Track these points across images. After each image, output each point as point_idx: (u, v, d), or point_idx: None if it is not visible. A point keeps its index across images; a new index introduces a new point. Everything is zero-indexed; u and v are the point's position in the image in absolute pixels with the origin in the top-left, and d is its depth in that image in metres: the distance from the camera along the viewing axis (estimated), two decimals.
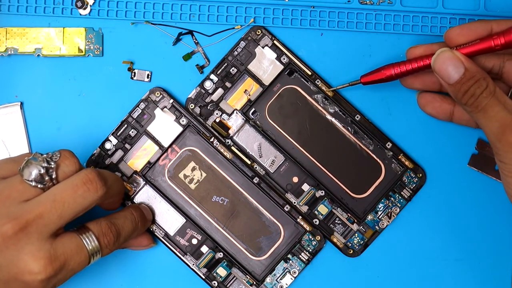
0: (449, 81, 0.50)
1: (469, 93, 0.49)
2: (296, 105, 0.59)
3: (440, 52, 0.51)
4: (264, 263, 0.58)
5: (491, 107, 0.48)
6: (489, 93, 0.48)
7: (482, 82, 0.49)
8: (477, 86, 0.49)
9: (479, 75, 0.49)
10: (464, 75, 0.49)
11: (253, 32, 0.59)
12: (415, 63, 0.53)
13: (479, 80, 0.49)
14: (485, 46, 0.51)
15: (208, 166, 0.58)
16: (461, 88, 0.49)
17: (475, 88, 0.49)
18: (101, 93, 0.59)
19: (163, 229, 0.58)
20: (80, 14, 0.59)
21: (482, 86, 0.49)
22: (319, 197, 0.58)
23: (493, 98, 0.48)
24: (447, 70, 0.50)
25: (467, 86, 0.49)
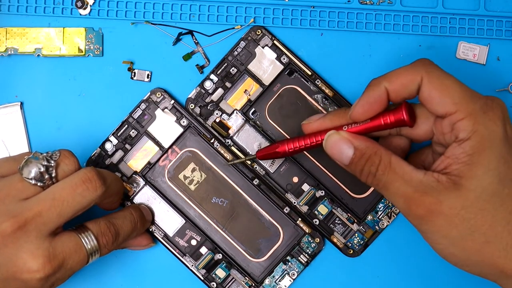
0: (344, 162, 0.48)
1: (365, 172, 0.47)
2: (296, 105, 0.58)
3: (328, 136, 0.49)
4: (263, 264, 0.58)
5: (391, 184, 0.46)
6: (384, 168, 0.46)
7: (374, 159, 0.46)
8: (370, 164, 0.46)
9: (370, 150, 0.47)
10: (355, 155, 0.47)
11: (253, 32, 0.59)
12: (308, 140, 0.52)
13: (370, 156, 0.47)
14: (375, 125, 0.48)
15: (208, 167, 0.58)
16: (357, 168, 0.47)
17: (369, 166, 0.47)
18: (101, 93, 0.59)
19: (163, 229, 0.57)
20: (80, 14, 0.59)
21: (375, 162, 0.46)
22: (319, 197, 0.58)
23: (390, 173, 0.46)
24: (338, 154, 0.48)
25: (361, 165, 0.47)
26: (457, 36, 0.60)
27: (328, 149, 0.49)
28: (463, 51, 0.59)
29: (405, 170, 0.45)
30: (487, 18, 0.59)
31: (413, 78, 0.45)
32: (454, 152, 0.44)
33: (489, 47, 0.59)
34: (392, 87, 0.46)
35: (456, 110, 0.44)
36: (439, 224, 0.44)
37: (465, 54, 0.59)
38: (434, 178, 0.44)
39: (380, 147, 0.47)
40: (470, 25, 0.60)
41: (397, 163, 0.46)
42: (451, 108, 0.44)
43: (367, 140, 0.48)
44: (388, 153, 0.46)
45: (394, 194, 0.46)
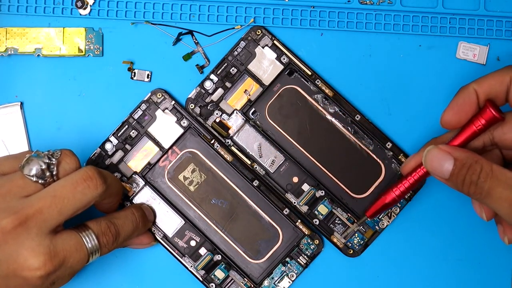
0: (445, 177, 0.47)
1: (466, 182, 0.46)
2: (296, 105, 0.58)
3: (426, 152, 0.48)
4: (262, 266, 0.57)
5: (494, 190, 0.45)
6: (486, 175, 0.45)
7: (476, 167, 0.45)
8: (472, 172, 0.45)
9: (470, 159, 0.46)
10: (455, 166, 0.46)
11: (253, 32, 0.58)
12: (411, 178, 0.50)
13: (471, 165, 0.45)
14: (469, 133, 0.48)
15: (208, 168, 0.57)
16: (458, 179, 0.46)
17: (471, 175, 0.45)
18: (101, 93, 0.58)
19: (162, 230, 0.57)
20: (80, 14, 0.58)
21: (476, 171, 0.45)
22: (319, 197, 0.57)
23: (492, 179, 0.45)
24: (438, 167, 0.47)
25: (462, 176, 0.46)
26: (457, 36, 0.59)
27: (428, 164, 0.48)
28: (463, 51, 0.59)
29: (508, 175, 0.45)
30: (487, 18, 0.59)
31: (502, 79, 0.45)
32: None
33: (489, 47, 0.59)
34: (481, 89, 0.46)
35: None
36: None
37: (465, 54, 0.59)
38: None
39: (480, 156, 0.46)
40: (470, 25, 0.59)
41: (498, 169, 0.45)
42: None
43: (466, 151, 0.47)
44: (488, 162, 0.46)
45: (498, 200, 0.45)
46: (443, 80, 0.58)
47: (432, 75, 0.58)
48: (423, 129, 0.59)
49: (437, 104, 0.58)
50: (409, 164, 0.51)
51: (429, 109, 0.58)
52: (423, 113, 0.58)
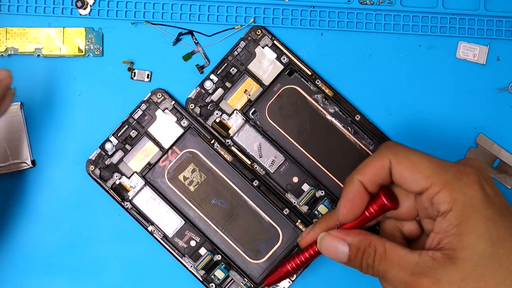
0: (342, 260, 0.46)
1: (364, 265, 0.45)
2: (296, 105, 0.57)
3: (320, 239, 0.47)
4: (262, 266, 0.56)
5: (388, 272, 0.44)
6: (380, 258, 0.44)
7: (369, 250, 0.45)
8: (367, 256, 0.45)
9: (363, 243, 0.45)
10: (351, 252, 0.45)
11: (253, 32, 0.58)
12: (306, 254, 0.50)
13: (365, 249, 0.45)
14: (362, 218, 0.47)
15: (208, 169, 0.57)
16: (356, 263, 0.46)
17: (366, 259, 0.45)
18: (101, 93, 0.58)
19: (162, 230, 0.56)
20: (80, 14, 0.58)
21: (371, 254, 0.45)
22: (319, 197, 0.57)
23: (386, 262, 0.44)
24: (334, 254, 0.46)
25: (359, 260, 0.45)
26: (457, 36, 0.59)
27: (324, 251, 0.47)
28: (463, 51, 0.58)
29: (400, 255, 0.44)
30: (487, 18, 0.59)
31: (382, 164, 0.44)
32: (441, 226, 0.42)
33: (489, 47, 0.58)
34: (365, 178, 0.45)
35: (430, 184, 0.42)
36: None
37: (465, 54, 0.58)
38: (429, 256, 0.43)
39: (373, 237, 0.45)
40: (470, 25, 0.59)
41: (392, 249, 0.44)
42: (425, 183, 0.43)
43: (359, 233, 0.46)
44: (382, 242, 0.45)
45: (393, 282, 0.44)
46: (443, 80, 0.58)
47: (432, 75, 0.58)
48: (423, 129, 0.58)
49: (437, 104, 0.58)
50: (306, 238, 0.50)
51: (429, 109, 0.58)
52: (423, 113, 0.58)
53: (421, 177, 0.43)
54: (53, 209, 0.57)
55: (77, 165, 0.57)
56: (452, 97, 0.58)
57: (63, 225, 0.57)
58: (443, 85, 0.58)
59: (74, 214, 0.57)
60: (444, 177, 0.42)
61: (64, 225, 0.57)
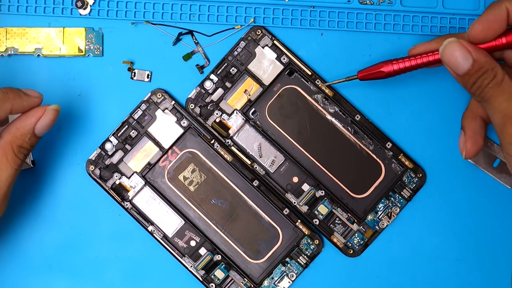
0: (458, 72, 0.47)
1: (477, 84, 0.46)
2: (296, 105, 0.57)
3: (448, 42, 0.48)
4: (262, 266, 0.56)
5: (495, 98, 0.46)
6: (495, 83, 0.46)
7: (490, 73, 0.46)
8: (485, 77, 0.46)
9: (488, 65, 0.46)
10: (472, 66, 0.46)
11: (253, 32, 0.57)
12: (415, 60, 0.51)
13: (487, 71, 0.46)
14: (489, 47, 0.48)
15: (208, 169, 0.57)
16: (470, 79, 0.47)
17: (483, 80, 0.46)
18: (101, 93, 0.58)
19: (162, 230, 0.56)
20: (80, 14, 0.58)
21: (489, 77, 0.46)
22: (319, 197, 0.57)
23: (498, 89, 0.46)
24: (456, 61, 0.47)
25: (475, 78, 0.47)
26: None
27: (446, 55, 0.48)
28: None
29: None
30: None
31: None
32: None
33: None
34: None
35: None
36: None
37: None
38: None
39: (497, 64, 0.47)
40: None
41: (509, 82, 0.46)
42: None
43: (487, 54, 0.47)
44: (503, 73, 0.46)
45: (495, 109, 0.46)
46: (443, 79, 0.58)
47: (432, 75, 0.58)
48: (423, 129, 0.58)
49: (437, 104, 0.58)
50: (418, 48, 0.51)
51: (429, 109, 0.58)
52: (423, 113, 0.58)
53: None
54: (53, 209, 0.57)
55: (77, 165, 0.57)
56: (452, 97, 0.58)
57: (63, 225, 0.57)
58: (443, 85, 0.58)
59: (74, 214, 0.57)
60: None
61: (64, 225, 0.57)
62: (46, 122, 0.50)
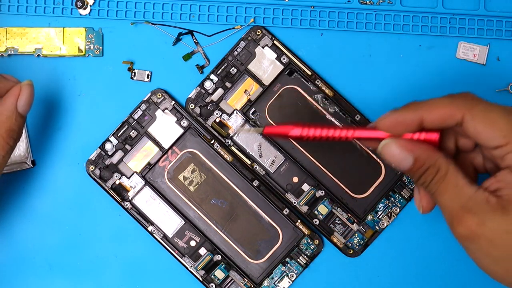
0: (401, 170, 0.46)
1: (421, 180, 0.45)
2: (296, 105, 0.57)
3: (385, 143, 0.46)
4: (262, 266, 0.56)
5: (440, 194, 0.44)
6: (438, 179, 0.44)
7: (432, 169, 0.44)
8: (428, 174, 0.44)
9: (429, 161, 0.44)
10: (413, 165, 0.45)
11: (253, 32, 0.57)
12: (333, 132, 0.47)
13: (429, 167, 0.44)
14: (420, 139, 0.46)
15: (208, 169, 0.57)
16: (414, 176, 0.45)
17: (426, 176, 0.44)
18: (101, 93, 0.58)
19: (162, 230, 0.56)
20: (80, 14, 0.58)
21: (432, 173, 0.44)
22: (319, 197, 0.57)
23: (442, 185, 0.44)
24: (396, 160, 0.45)
25: (419, 174, 0.45)
26: (457, 36, 0.58)
27: (385, 156, 0.46)
28: (463, 51, 0.58)
29: (459, 183, 0.43)
30: (487, 18, 0.58)
31: (453, 113, 0.43)
32: (506, 178, 0.42)
33: (489, 47, 0.58)
34: (430, 118, 0.44)
35: (506, 143, 0.42)
36: (480, 244, 0.42)
37: (465, 54, 0.58)
38: (484, 197, 0.42)
39: (440, 156, 0.44)
40: (470, 25, 0.58)
41: (453, 174, 0.44)
42: (501, 141, 0.42)
43: (428, 150, 0.45)
44: (447, 163, 0.44)
45: (442, 205, 0.44)
46: (443, 80, 0.58)
47: (432, 75, 0.58)
48: None
49: None
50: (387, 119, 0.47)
51: None
52: None
53: (498, 135, 0.42)
54: (53, 209, 0.57)
55: (77, 165, 0.57)
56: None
57: (63, 225, 0.57)
58: (443, 85, 0.58)
59: (74, 214, 0.57)
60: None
61: (64, 225, 0.57)
62: (26, 97, 0.50)
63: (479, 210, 0.42)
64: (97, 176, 0.56)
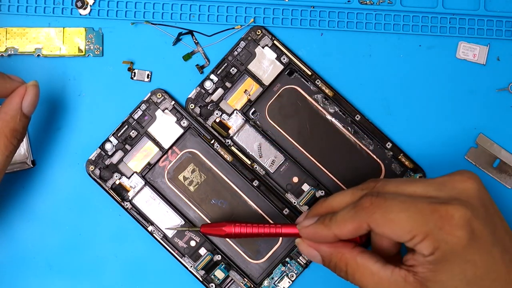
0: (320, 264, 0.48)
1: (337, 273, 0.47)
2: (296, 105, 0.57)
3: (297, 243, 0.50)
4: (262, 266, 0.56)
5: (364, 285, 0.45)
6: (353, 270, 0.46)
7: (340, 264, 0.46)
8: (339, 269, 0.47)
9: (334, 258, 0.47)
10: (323, 261, 0.48)
11: (253, 32, 0.57)
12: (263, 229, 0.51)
13: (336, 263, 0.47)
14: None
15: (208, 169, 0.57)
16: (330, 269, 0.48)
17: (339, 272, 0.47)
18: (101, 93, 0.58)
19: (162, 230, 0.56)
20: (80, 14, 0.58)
21: (342, 268, 0.46)
22: (319, 197, 0.57)
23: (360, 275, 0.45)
24: (310, 257, 0.49)
25: (332, 270, 0.47)
26: (457, 36, 0.58)
27: (303, 252, 0.49)
28: (463, 51, 0.58)
29: (373, 270, 0.45)
30: (487, 18, 0.58)
31: (359, 226, 0.44)
32: (419, 259, 0.43)
33: (489, 47, 0.58)
34: (342, 234, 0.46)
35: (413, 236, 0.42)
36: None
37: (465, 54, 0.58)
38: (402, 277, 0.44)
39: (344, 251, 0.46)
40: (470, 25, 0.58)
41: (364, 264, 0.45)
42: (407, 236, 0.43)
43: (331, 246, 0.47)
44: (353, 256, 0.46)
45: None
46: (443, 80, 0.58)
47: (432, 75, 0.58)
48: (423, 129, 0.58)
49: (437, 104, 0.58)
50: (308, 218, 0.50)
51: (429, 109, 0.58)
52: (423, 113, 0.58)
53: (402, 233, 0.43)
54: (53, 209, 0.57)
55: (77, 165, 0.57)
56: (452, 97, 0.58)
57: (63, 225, 0.57)
58: (443, 85, 0.58)
59: (74, 214, 0.57)
60: (425, 228, 0.42)
61: (64, 225, 0.57)
62: (31, 98, 0.50)
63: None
64: (97, 176, 0.56)
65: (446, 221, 0.42)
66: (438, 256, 0.42)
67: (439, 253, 0.42)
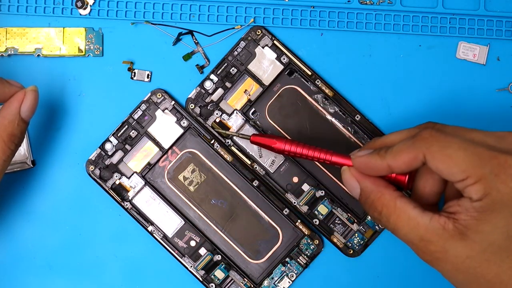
0: (356, 197, 0.47)
1: (371, 214, 0.46)
2: (296, 105, 0.57)
3: (342, 170, 0.48)
4: (262, 266, 0.56)
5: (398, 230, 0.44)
6: (389, 214, 0.45)
7: (377, 205, 0.45)
8: (373, 209, 0.45)
9: (373, 195, 0.46)
10: (361, 196, 0.47)
11: (253, 32, 0.57)
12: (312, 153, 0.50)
13: (373, 202, 0.45)
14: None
15: (208, 169, 0.57)
16: (364, 207, 0.47)
17: (373, 211, 0.46)
18: (101, 93, 0.58)
19: (162, 230, 0.56)
20: (80, 14, 0.58)
21: (377, 209, 0.45)
22: (319, 197, 0.57)
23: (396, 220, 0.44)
24: (349, 189, 0.48)
25: (367, 207, 0.46)
26: (457, 36, 0.58)
27: (343, 182, 0.48)
28: (463, 51, 0.58)
29: (411, 215, 0.44)
30: (487, 18, 0.58)
31: (415, 156, 0.44)
32: (465, 204, 0.42)
33: (489, 47, 0.58)
34: (396, 165, 0.45)
35: (466, 177, 0.42)
36: (446, 269, 0.43)
37: (465, 54, 0.58)
38: (440, 224, 0.42)
39: (385, 191, 0.45)
40: (470, 25, 0.58)
41: (402, 208, 0.44)
42: (461, 175, 0.42)
43: (374, 182, 0.46)
44: (393, 197, 0.45)
45: (403, 240, 0.44)
46: (443, 80, 0.58)
47: (432, 75, 0.58)
48: None
49: (437, 104, 0.58)
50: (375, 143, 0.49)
51: (429, 109, 0.58)
52: (423, 113, 0.58)
53: (456, 171, 0.42)
54: (53, 209, 0.57)
55: (77, 165, 0.57)
56: (452, 97, 0.58)
57: (63, 225, 0.57)
58: (443, 85, 0.58)
59: (74, 214, 0.57)
60: (481, 171, 0.41)
61: (64, 225, 0.57)
62: (29, 103, 0.50)
63: (439, 239, 0.42)
64: (97, 176, 0.56)
65: (503, 169, 0.41)
66: (486, 203, 0.41)
67: (487, 200, 0.41)
